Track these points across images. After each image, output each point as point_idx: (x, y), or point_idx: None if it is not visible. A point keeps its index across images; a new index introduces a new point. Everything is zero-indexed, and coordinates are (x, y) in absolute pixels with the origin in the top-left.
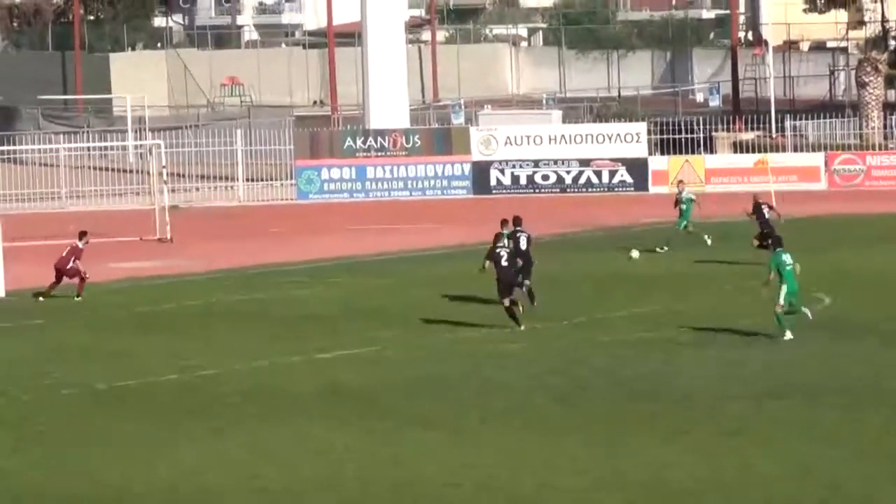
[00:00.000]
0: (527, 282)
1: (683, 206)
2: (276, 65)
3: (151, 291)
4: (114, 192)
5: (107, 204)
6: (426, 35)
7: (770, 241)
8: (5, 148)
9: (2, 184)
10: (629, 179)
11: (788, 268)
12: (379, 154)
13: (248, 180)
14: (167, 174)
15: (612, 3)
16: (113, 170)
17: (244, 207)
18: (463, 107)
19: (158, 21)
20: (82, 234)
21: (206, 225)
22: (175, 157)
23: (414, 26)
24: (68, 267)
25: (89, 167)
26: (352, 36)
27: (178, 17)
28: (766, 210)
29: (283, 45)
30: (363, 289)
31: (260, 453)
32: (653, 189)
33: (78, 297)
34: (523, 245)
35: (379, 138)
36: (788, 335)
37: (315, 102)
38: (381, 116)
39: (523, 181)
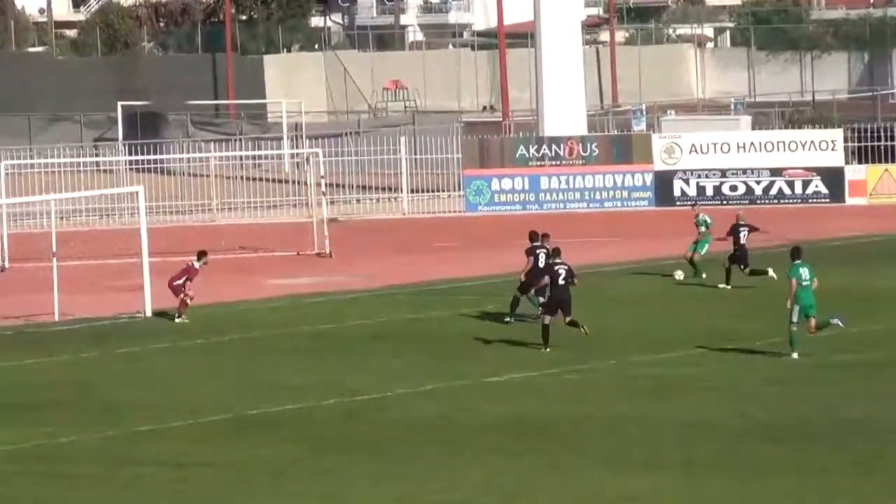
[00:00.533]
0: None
1: (703, 229)
2: (442, 67)
3: (310, 310)
4: (268, 205)
5: (261, 217)
6: (604, 35)
7: (742, 265)
8: (152, 157)
9: (149, 195)
10: (824, 190)
11: (805, 283)
12: (553, 163)
13: (412, 191)
14: (326, 185)
15: (804, 1)
16: (267, 180)
17: (408, 220)
18: (644, 112)
19: (316, 21)
20: (201, 254)
21: (368, 239)
22: (334, 167)
23: (591, 26)
24: (174, 284)
25: (242, 177)
26: (524, 36)
27: (336, 17)
28: (744, 233)
29: (451, 47)
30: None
31: (420, 489)
32: (849, 200)
33: (178, 317)
34: (542, 262)
35: (553, 146)
36: (795, 355)
37: (484, 108)
38: (556, 123)
39: (710, 192)
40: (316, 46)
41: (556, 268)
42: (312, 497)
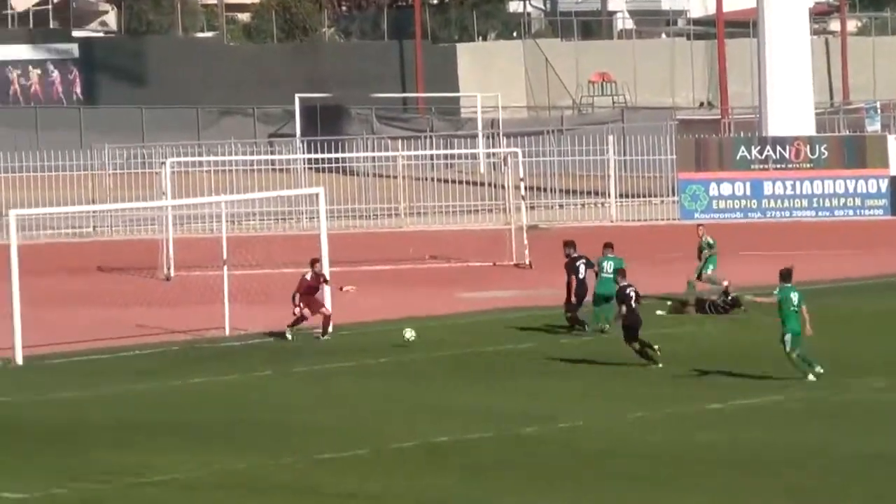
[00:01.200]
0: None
1: (707, 253)
2: (654, 59)
3: (506, 327)
4: (461, 209)
5: (452, 223)
6: (834, 24)
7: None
8: (333, 155)
9: (329, 198)
10: None
11: (793, 308)
12: (778, 167)
13: (621, 196)
14: (525, 188)
15: None
16: (460, 182)
17: (616, 228)
18: (879, 111)
19: (514, 6)
20: (313, 262)
21: None
22: (534, 168)
23: (819, 14)
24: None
25: (432, 179)
26: (746, 25)
27: (537, 2)
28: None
29: (664, 36)
30: (766, 325)
31: None
32: None
33: (289, 334)
34: (582, 274)
35: (778, 148)
36: (811, 377)
37: (701, 104)
38: (781, 122)
39: None
40: (514, 34)
41: (627, 290)
42: None
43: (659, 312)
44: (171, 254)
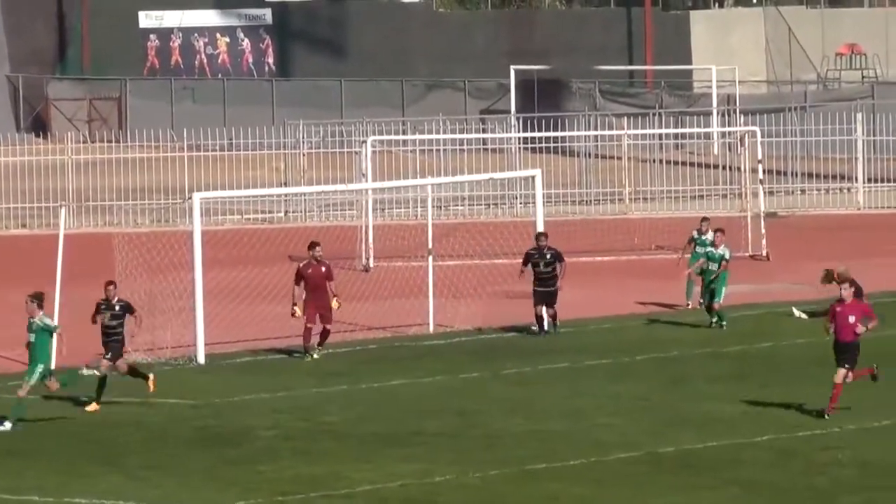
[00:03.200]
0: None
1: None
2: None
3: (740, 325)
4: (692, 195)
5: (682, 209)
6: None
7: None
8: (552, 134)
9: (547, 180)
10: None
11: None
12: None
13: (869, 181)
14: (764, 171)
15: None
16: (692, 165)
17: (864, 217)
18: None
19: None
20: (312, 246)
21: (814, 238)
22: (774, 149)
23: None
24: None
25: (660, 161)
26: None
27: None
28: None
29: None
30: None
31: None
32: None
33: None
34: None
35: None
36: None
37: None
38: None
39: None
40: (754, 0)
41: None
42: None
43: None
44: (370, 242)
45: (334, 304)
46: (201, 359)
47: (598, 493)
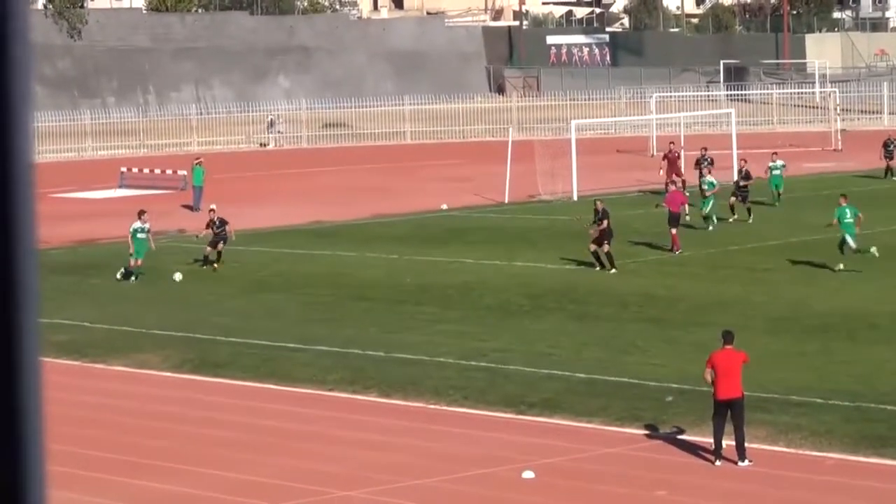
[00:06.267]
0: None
1: (705, 187)
2: None
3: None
4: (806, 119)
5: (796, 127)
6: None
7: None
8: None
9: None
10: None
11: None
12: None
13: (890, 114)
14: (837, 109)
15: None
16: (806, 106)
17: (887, 129)
18: None
19: None
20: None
21: (861, 140)
22: (845, 100)
23: None
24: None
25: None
26: None
27: None
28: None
29: None
30: None
31: None
32: None
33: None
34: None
35: None
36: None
37: None
38: None
39: None
40: (836, 28)
41: None
42: None
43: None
44: None
45: None
46: None
47: None
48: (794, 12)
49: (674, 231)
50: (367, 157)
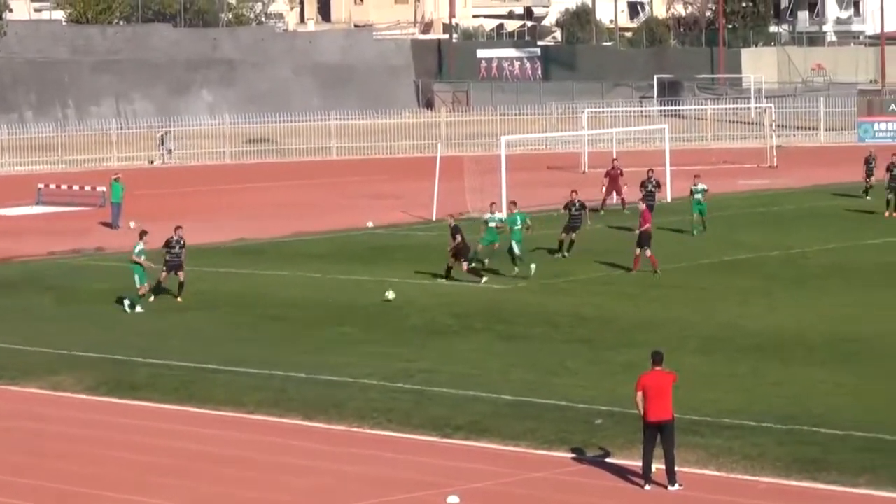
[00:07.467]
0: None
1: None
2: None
3: None
4: (742, 136)
5: (735, 143)
6: None
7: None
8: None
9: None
10: None
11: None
12: None
13: (826, 129)
14: (773, 125)
15: None
16: (743, 122)
17: (824, 147)
18: None
19: None
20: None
21: (798, 157)
22: (780, 116)
23: None
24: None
25: (728, 120)
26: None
27: None
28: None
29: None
30: None
31: None
32: None
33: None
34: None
35: None
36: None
37: (871, 80)
38: None
39: None
40: (773, 42)
41: None
42: None
43: None
44: None
45: None
46: None
47: None
48: (730, 26)
49: (648, 252)
50: (292, 174)
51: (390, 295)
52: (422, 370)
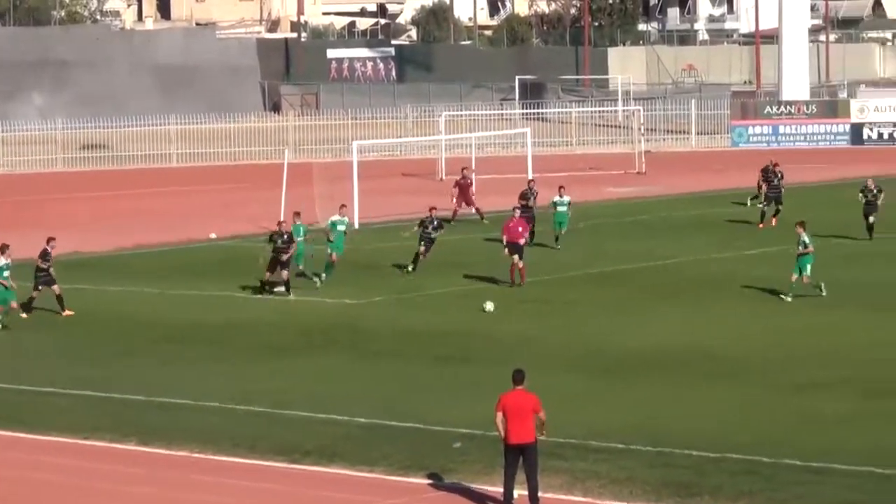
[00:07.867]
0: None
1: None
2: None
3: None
4: (609, 140)
5: (604, 149)
6: (822, 37)
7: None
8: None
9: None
10: None
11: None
12: (788, 116)
13: (698, 133)
14: (642, 128)
15: None
16: (609, 126)
17: (695, 152)
18: (846, 86)
19: None
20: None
21: (668, 161)
22: (648, 119)
23: (814, 31)
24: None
25: (594, 123)
26: (771, 37)
27: None
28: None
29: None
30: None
31: None
32: None
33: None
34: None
35: (788, 106)
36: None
37: (745, 82)
38: (790, 91)
39: (886, 136)
40: (641, 41)
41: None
42: None
43: None
44: None
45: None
46: None
47: None
48: (596, 24)
49: (520, 263)
50: (129, 182)
51: (489, 307)
52: (269, 391)
